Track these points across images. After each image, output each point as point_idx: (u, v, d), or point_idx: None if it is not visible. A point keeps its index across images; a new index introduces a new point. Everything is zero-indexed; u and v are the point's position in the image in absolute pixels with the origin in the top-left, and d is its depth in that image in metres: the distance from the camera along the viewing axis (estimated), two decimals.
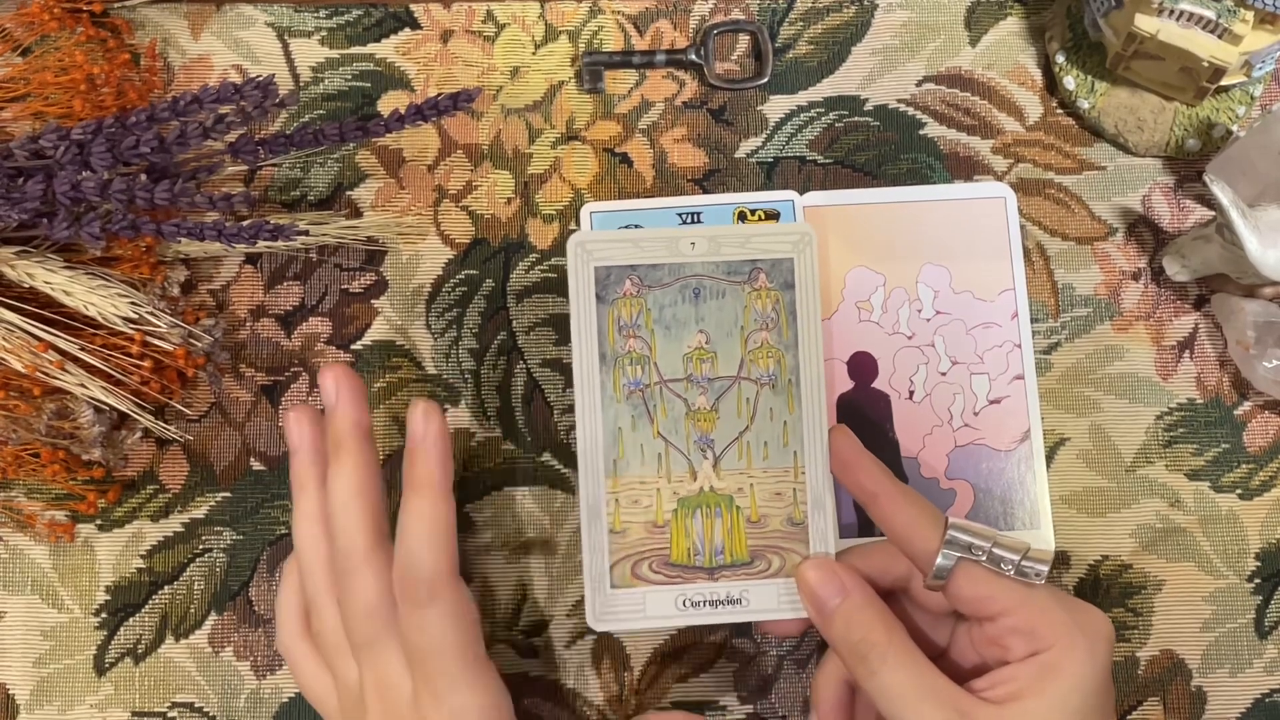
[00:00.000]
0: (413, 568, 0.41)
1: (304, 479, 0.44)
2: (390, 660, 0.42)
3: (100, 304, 0.46)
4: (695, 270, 0.43)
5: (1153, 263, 0.52)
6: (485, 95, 0.53)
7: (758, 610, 0.43)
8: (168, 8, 0.54)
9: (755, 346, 0.43)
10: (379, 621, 0.42)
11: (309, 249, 0.52)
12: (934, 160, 0.53)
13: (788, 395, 0.43)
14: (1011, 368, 0.50)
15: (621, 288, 0.43)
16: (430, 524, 0.41)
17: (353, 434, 0.43)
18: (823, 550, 0.43)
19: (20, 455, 0.48)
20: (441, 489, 0.41)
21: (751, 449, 0.43)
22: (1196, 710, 0.49)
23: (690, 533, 0.43)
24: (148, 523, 0.50)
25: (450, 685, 0.41)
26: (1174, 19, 0.47)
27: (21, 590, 0.50)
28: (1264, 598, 0.50)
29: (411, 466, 0.42)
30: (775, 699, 0.49)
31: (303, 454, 0.44)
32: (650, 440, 0.43)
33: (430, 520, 0.41)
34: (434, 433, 0.41)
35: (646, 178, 0.53)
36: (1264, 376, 0.49)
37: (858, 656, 0.39)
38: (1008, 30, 0.54)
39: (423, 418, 0.42)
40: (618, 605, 0.42)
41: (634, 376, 0.43)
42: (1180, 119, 0.52)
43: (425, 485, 0.41)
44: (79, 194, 0.44)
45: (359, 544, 0.42)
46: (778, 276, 0.43)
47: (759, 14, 0.54)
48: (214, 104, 0.45)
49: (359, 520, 0.42)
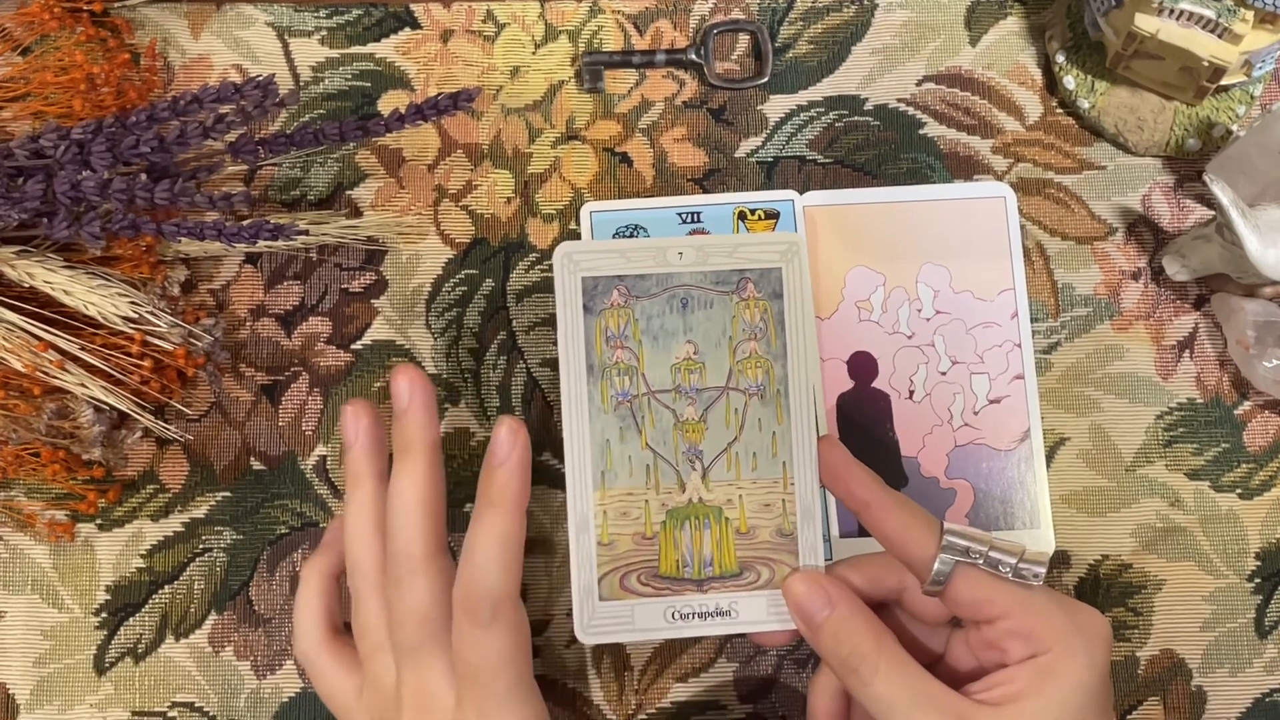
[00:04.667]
0: (479, 584, 0.40)
1: (360, 474, 0.43)
2: (436, 670, 0.41)
3: (100, 304, 0.46)
4: (683, 280, 0.43)
5: (1153, 262, 0.52)
6: (485, 95, 0.53)
7: (747, 622, 0.42)
8: (168, 7, 0.54)
9: (744, 357, 0.43)
10: (430, 629, 0.41)
11: (309, 248, 0.52)
12: (934, 160, 0.53)
13: (776, 406, 0.43)
14: (1011, 367, 0.50)
15: (609, 298, 0.43)
16: (501, 542, 0.41)
17: (424, 438, 0.42)
18: (812, 561, 0.42)
19: (20, 455, 0.48)
20: (517, 509, 0.41)
21: (740, 460, 0.43)
22: (1196, 710, 0.49)
23: (679, 544, 0.42)
24: (148, 522, 0.50)
25: (499, 706, 0.41)
26: (1174, 18, 0.47)
27: (21, 590, 0.50)
28: (1264, 597, 0.50)
29: (489, 482, 0.41)
30: (775, 699, 0.49)
31: (359, 449, 0.44)
32: (638, 452, 0.42)
33: (502, 538, 0.41)
34: (520, 450, 0.41)
35: (646, 177, 0.53)
36: (1264, 376, 0.49)
37: (848, 668, 0.39)
38: (1008, 30, 0.54)
39: (509, 435, 0.41)
40: (606, 618, 0.42)
41: (622, 387, 0.43)
42: (1180, 119, 0.52)
43: (502, 503, 0.41)
44: (79, 194, 0.44)
45: (420, 548, 0.41)
46: (766, 286, 0.43)
47: (759, 14, 0.54)
48: (214, 104, 0.45)
49: (423, 524, 0.41)
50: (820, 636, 0.40)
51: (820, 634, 0.40)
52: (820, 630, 0.40)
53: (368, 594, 0.43)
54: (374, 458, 0.44)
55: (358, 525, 0.43)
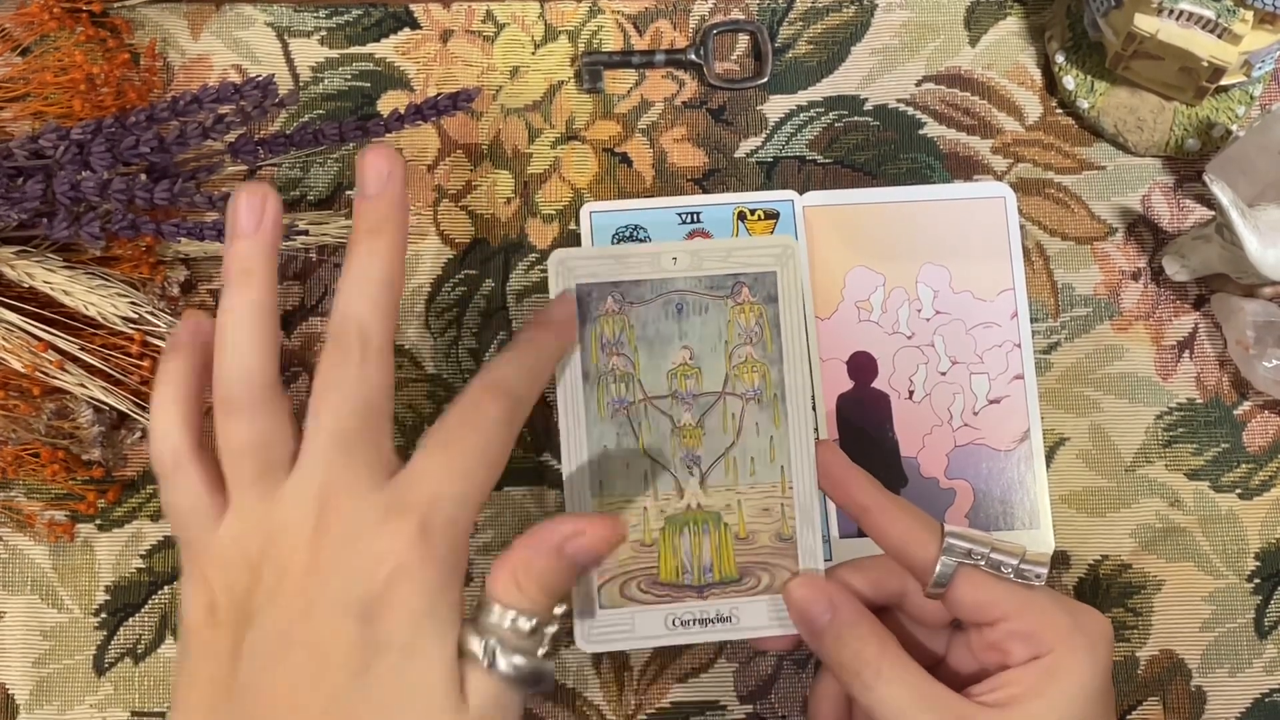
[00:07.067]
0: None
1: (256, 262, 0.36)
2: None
3: (100, 304, 0.46)
4: (677, 286, 0.43)
5: (1152, 262, 0.52)
6: (485, 95, 0.53)
7: (748, 628, 0.42)
8: (167, 8, 0.54)
9: (740, 361, 0.43)
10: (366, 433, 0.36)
11: (309, 249, 0.52)
12: (934, 160, 0.53)
13: (774, 410, 0.43)
14: (1011, 367, 0.50)
15: (604, 305, 0.43)
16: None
17: (401, 217, 0.37)
18: (812, 566, 0.42)
19: (20, 455, 0.48)
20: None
21: (738, 465, 0.42)
22: (1196, 710, 0.49)
23: (678, 551, 0.42)
24: (147, 523, 0.50)
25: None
26: (1174, 19, 0.47)
27: (21, 590, 0.50)
28: (1264, 597, 0.50)
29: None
30: (775, 699, 0.49)
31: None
32: (636, 458, 0.42)
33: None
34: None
35: (646, 178, 0.53)
36: (1264, 376, 0.49)
37: (851, 673, 0.39)
38: (1007, 30, 0.54)
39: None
40: (607, 626, 0.42)
41: (618, 394, 0.42)
42: (1180, 119, 0.52)
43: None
44: (79, 194, 0.44)
45: (385, 338, 0.36)
46: (760, 290, 0.43)
47: (759, 14, 0.54)
48: (214, 104, 0.45)
49: (392, 306, 0.37)
50: (822, 641, 0.40)
51: (822, 639, 0.40)
52: (822, 635, 0.40)
53: (250, 410, 0.36)
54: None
55: (244, 331, 0.36)
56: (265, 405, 0.36)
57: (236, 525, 0.36)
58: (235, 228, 0.37)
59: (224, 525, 0.36)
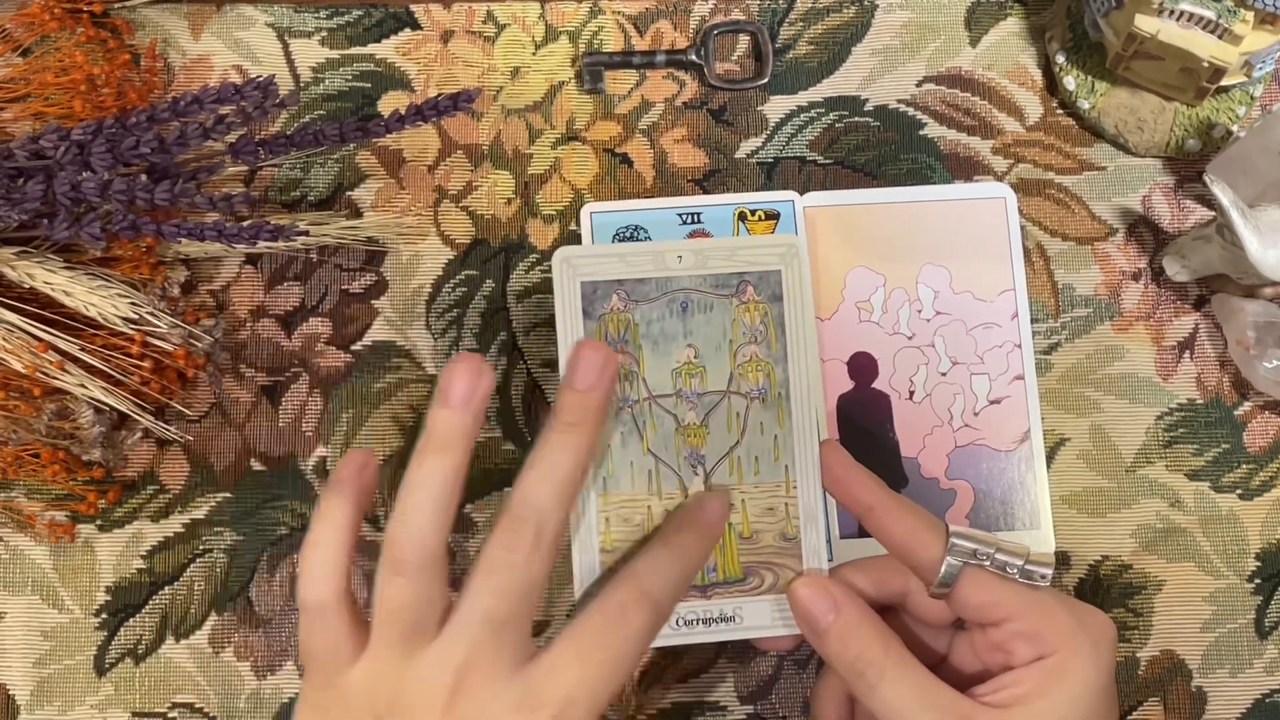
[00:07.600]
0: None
1: (454, 439, 0.38)
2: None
3: (100, 304, 0.46)
4: (682, 284, 0.43)
5: (1153, 263, 0.52)
6: (485, 95, 0.53)
7: (751, 628, 0.42)
8: (168, 8, 0.54)
9: (744, 360, 0.43)
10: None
11: (309, 249, 0.52)
12: (934, 160, 0.53)
13: (778, 409, 0.43)
14: (1011, 368, 0.50)
15: (608, 303, 0.42)
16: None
17: (599, 420, 0.39)
18: (816, 565, 0.42)
19: (20, 455, 0.48)
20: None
21: (742, 464, 0.42)
22: (1197, 710, 0.49)
23: None
24: (148, 523, 0.50)
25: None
26: (1174, 19, 0.47)
27: (22, 590, 0.50)
28: (1264, 598, 0.50)
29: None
30: (775, 699, 0.49)
31: (471, 406, 0.38)
32: (640, 457, 0.42)
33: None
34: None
35: (647, 178, 0.53)
36: (1264, 376, 0.49)
37: (855, 673, 0.39)
38: (1008, 30, 0.54)
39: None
40: None
41: (622, 393, 0.42)
42: (1180, 119, 0.52)
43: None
44: (79, 194, 0.44)
45: (558, 527, 0.38)
46: (765, 289, 0.43)
47: (759, 14, 0.54)
48: (214, 104, 0.45)
49: (569, 504, 0.38)
50: (826, 641, 0.40)
51: (826, 639, 0.40)
52: (826, 635, 0.40)
53: (416, 573, 0.37)
54: (475, 424, 0.38)
55: (428, 496, 0.37)
56: (429, 571, 0.37)
57: (371, 674, 0.37)
58: (447, 397, 0.38)
59: (358, 669, 0.37)
